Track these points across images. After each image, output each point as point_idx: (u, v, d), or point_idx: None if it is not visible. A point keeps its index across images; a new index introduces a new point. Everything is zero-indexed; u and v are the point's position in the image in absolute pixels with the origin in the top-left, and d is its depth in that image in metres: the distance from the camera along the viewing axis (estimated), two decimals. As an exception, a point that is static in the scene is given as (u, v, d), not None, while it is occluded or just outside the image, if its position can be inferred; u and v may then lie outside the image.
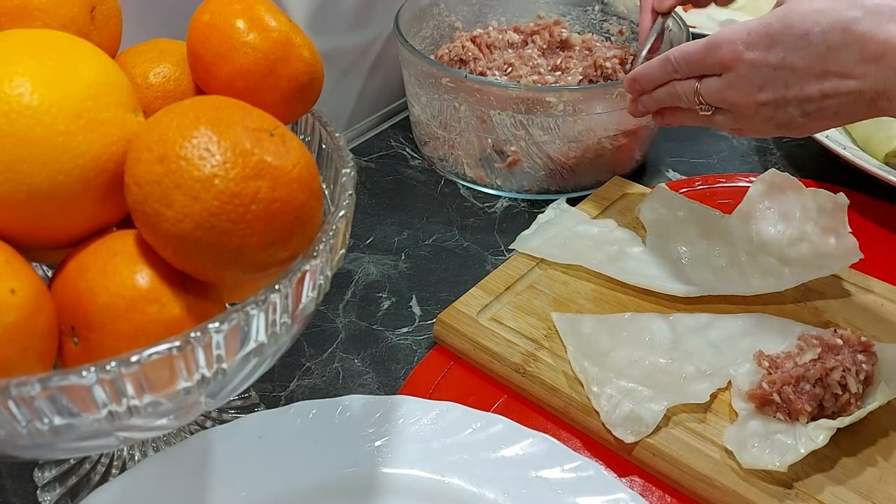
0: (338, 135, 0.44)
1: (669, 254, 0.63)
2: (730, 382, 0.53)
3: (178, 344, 0.31)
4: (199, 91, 0.43)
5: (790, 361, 0.51)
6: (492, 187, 0.74)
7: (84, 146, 0.33)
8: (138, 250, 0.35)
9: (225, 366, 0.34)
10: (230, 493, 0.44)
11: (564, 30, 0.81)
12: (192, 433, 0.50)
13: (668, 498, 0.49)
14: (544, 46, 0.80)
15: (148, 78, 0.42)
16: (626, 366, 0.54)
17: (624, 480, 0.49)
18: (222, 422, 0.51)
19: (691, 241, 0.64)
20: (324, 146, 0.45)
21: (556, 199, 0.71)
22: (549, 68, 0.77)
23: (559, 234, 0.66)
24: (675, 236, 0.65)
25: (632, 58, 0.76)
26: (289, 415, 0.47)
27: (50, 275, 0.38)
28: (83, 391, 0.30)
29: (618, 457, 0.51)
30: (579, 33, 0.83)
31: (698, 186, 0.74)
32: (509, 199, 0.73)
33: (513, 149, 0.71)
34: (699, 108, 0.57)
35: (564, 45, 0.81)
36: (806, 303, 0.60)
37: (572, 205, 0.70)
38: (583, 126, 0.69)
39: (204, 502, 0.43)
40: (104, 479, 0.48)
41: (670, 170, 0.78)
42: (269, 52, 0.40)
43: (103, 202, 0.35)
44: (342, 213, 0.38)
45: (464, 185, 0.75)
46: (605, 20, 0.85)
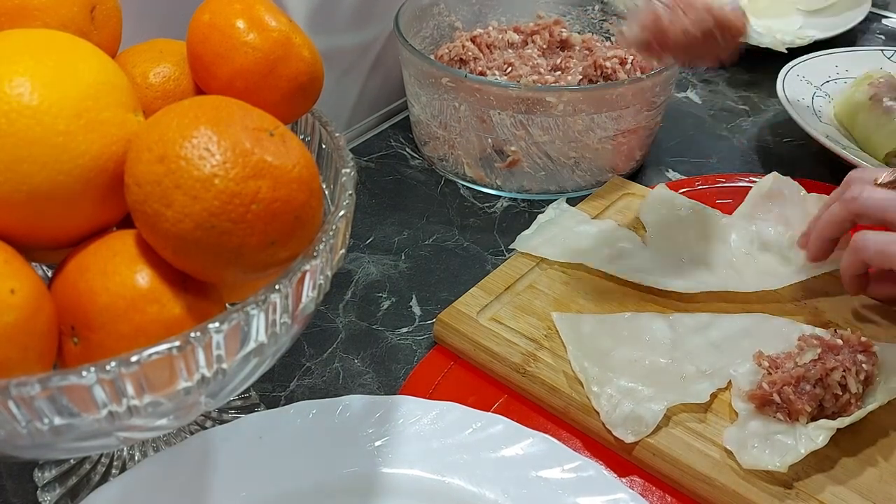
0: (338, 135, 0.44)
1: (670, 253, 0.63)
2: (730, 382, 0.53)
3: (178, 344, 0.31)
4: (199, 91, 0.43)
5: (790, 362, 0.51)
6: (492, 187, 0.74)
7: (84, 146, 0.33)
8: (138, 250, 0.35)
9: (225, 366, 0.34)
10: (230, 493, 0.44)
11: (564, 30, 0.81)
12: (192, 433, 0.50)
13: (668, 498, 0.49)
14: (544, 46, 0.80)
15: (148, 78, 0.42)
16: (627, 366, 0.54)
17: (624, 480, 0.49)
18: (222, 422, 0.51)
19: (692, 241, 0.64)
20: (324, 146, 0.45)
21: (556, 199, 0.71)
22: (549, 68, 0.77)
23: (559, 233, 0.66)
24: (675, 236, 0.65)
25: (632, 57, 0.76)
26: (289, 415, 0.47)
27: (50, 275, 0.38)
28: (83, 391, 0.30)
29: (618, 457, 0.51)
30: (579, 33, 0.83)
31: (698, 186, 0.74)
32: (509, 199, 0.73)
33: (513, 149, 0.71)
34: None
35: (564, 45, 0.81)
36: (806, 303, 0.60)
37: (572, 205, 0.70)
38: (583, 126, 0.69)
39: (204, 502, 0.43)
40: (104, 479, 0.48)
41: (670, 170, 0.78)
42: (269, 52, 0.40)
43: (103, 202, 0.35)
44: (342, 213, 0.38)
45: (464, 185, 0.75)
46: (605, 20, 0.85)
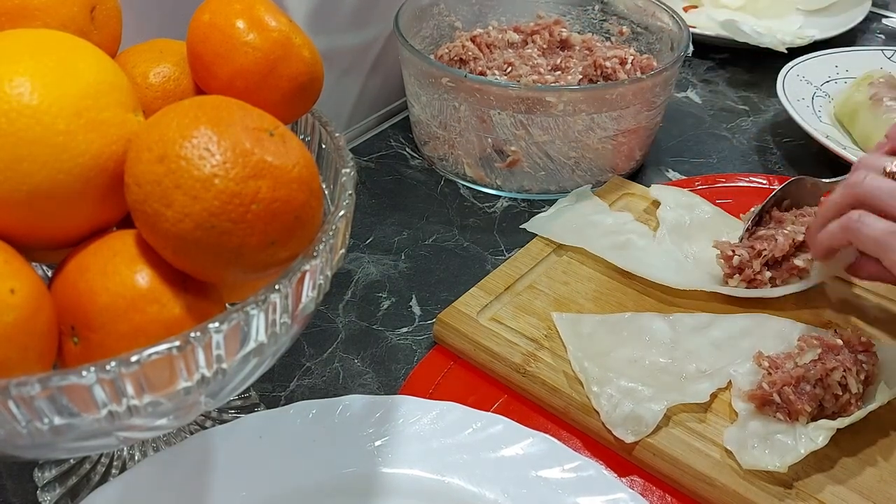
0: (338, 135, 0.44)
1: (676, 251, 0.64)
2: (730, 382, 0.53)
3: (178, 344, 0.31)
4: (199, 91, 0.43)
5: (790, 362, 0.51)
6: (492, 187, 0.74)
7: (84, 146, 0.33)
8: (138, 250, 0.35)
9: (225, 366, 0.34)
10: (230, 493, 0.44)
11: (564, 29, 0.81)
12: (192, 433, 0.50)
13: (669, 498, 0.49)
14: (544, 46, 0.80)
15: (148, 78, 0.42)
16: (627, 365, 0.54)
17: (624, 480, 0.49)
18: (222, 422, 0.51)
19: (704, 243, 0.64)
20: (324, 146, 0.45)
21: (557, 199, 0.71)
22: (549, 68, 0.77)
23: (574, 219, 0.67)
24: (688, 235, 0.65)
25: (632, 57, 0.76)
26: (289, 415, 0.47)
27: (50, 275, 0.38)
28: (83, 391, 0.30)
29: (618, 457, 0.51)
30: (579, 33, 0.83)
31: (698, 186, 0.74)
32: (509, 199, 0.73)
33: (513, 149, 0.71)
34: None
35: (564, 45, 0.80)
36: (806, 303, 0.60)
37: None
38: (583, 126, 0.69)
39: (204, 502, 0.43)
40: (104, 479, 0.48)
41: (670, 170, 0.78)
42: (269, 52, 0.40)
43: (103, 202, 0.35)
44: (342, 212, 0.38)
45: (464, 185, 0.75)
46: (605, 20, 0.85)
